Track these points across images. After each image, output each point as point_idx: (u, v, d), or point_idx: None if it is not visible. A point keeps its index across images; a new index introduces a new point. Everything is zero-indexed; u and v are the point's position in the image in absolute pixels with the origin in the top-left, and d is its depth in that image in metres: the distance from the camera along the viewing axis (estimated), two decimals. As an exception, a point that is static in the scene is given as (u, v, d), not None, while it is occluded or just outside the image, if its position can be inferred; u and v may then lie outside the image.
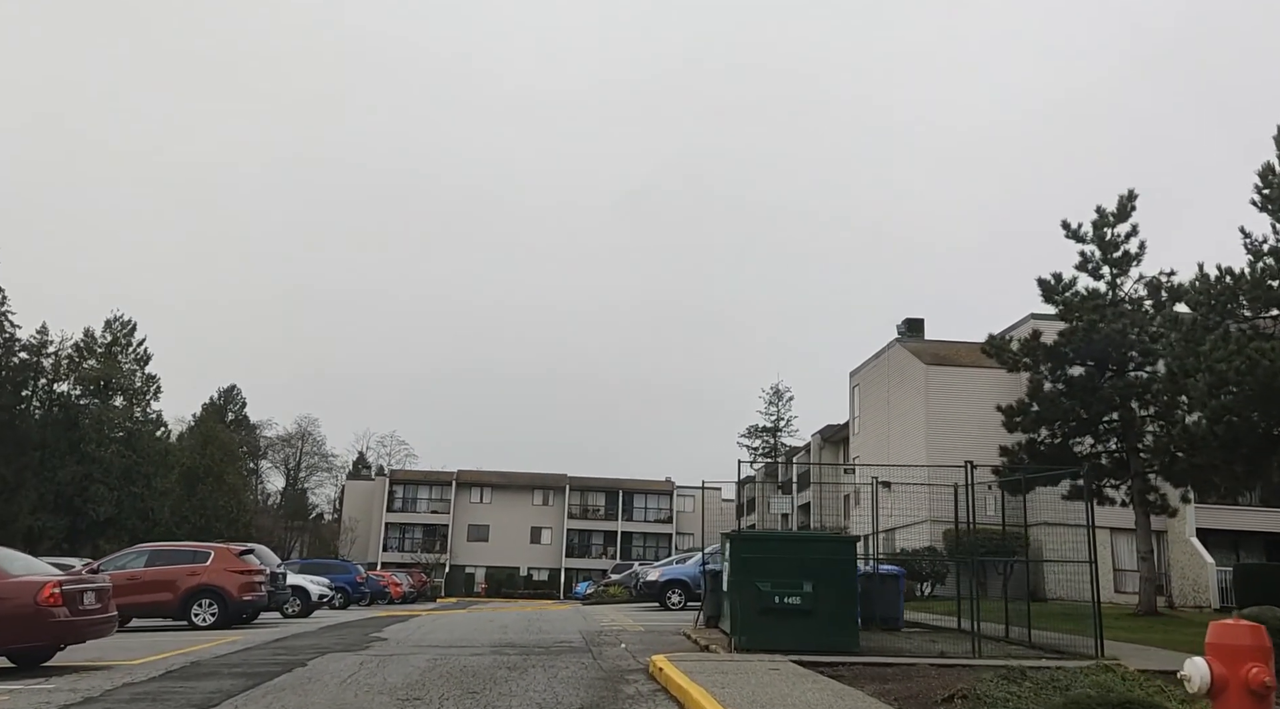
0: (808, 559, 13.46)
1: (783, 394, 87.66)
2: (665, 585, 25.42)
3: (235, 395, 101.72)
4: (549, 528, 77.03)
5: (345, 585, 35.40)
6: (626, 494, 78.38)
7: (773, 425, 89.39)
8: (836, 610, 13.24)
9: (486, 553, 75.62)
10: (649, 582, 25.82)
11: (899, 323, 35.62)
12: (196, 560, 19.84)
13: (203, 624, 19.41)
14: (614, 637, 16.99)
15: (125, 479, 63.04)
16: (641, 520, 78.64)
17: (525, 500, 77.62)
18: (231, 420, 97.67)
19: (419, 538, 76.36)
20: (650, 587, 25.74)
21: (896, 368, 34.17)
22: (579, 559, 76.74)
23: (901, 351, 34.05)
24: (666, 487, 79.12)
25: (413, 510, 77.37)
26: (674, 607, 25.20)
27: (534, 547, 76.61)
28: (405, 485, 78.40)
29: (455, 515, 76.11)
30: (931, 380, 31.26)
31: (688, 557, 28.88)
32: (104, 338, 67.44)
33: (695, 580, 25.25)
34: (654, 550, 76.77)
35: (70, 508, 61.38)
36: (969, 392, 30.85)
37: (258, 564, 20.82)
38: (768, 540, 15.19)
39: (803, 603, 13.18)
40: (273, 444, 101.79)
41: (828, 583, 13.29)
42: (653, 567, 29.67)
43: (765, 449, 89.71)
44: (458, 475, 77.06)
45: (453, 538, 75.55)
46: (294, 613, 26.26)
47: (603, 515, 78.45)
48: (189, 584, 19.47)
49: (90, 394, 65.35)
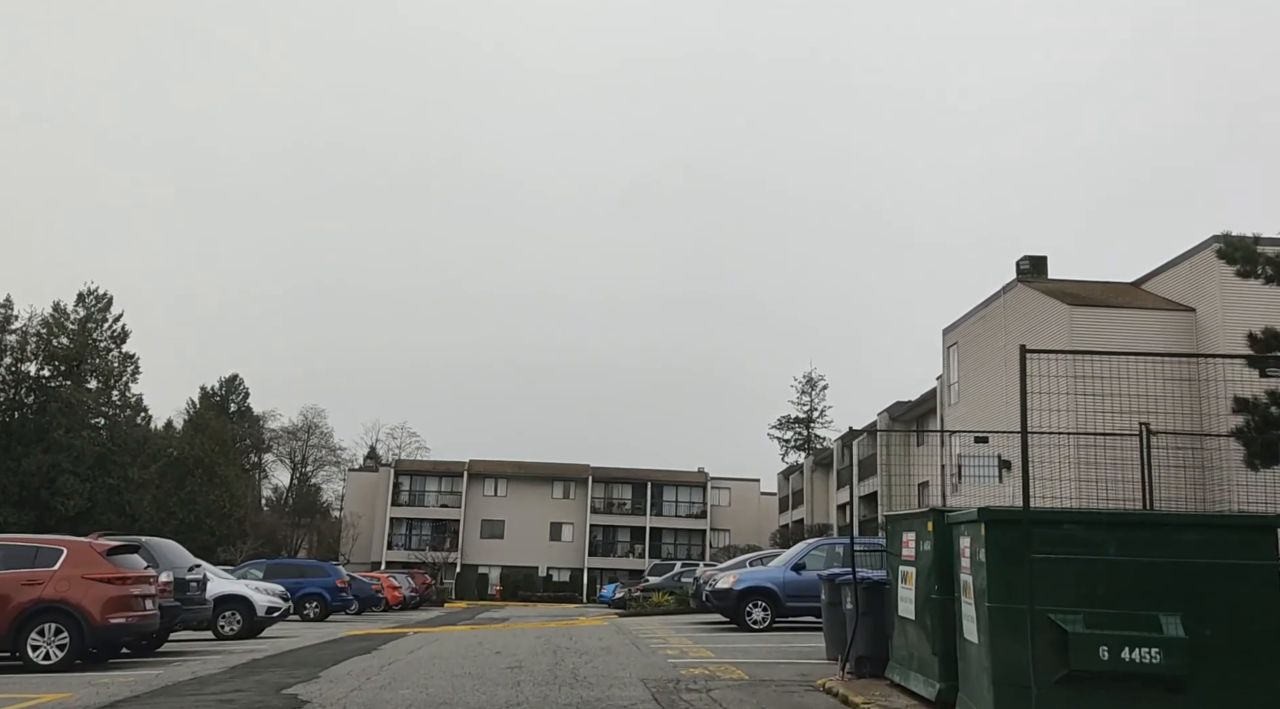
0: (1174, 567, 6.21)
1: (816, 383, 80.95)
2: (744, 596, 18.20)
3: (237, 385, 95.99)
4: (570, 523, 69.86)
5: (321, 592, 28.38)
6: (655, 486, 71.01)
7: (805, 416, 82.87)
8: (1243, 677, 6.02)
9: (501, 551, 68.52)
10: (720, 590, 18.57)
11: (1019, 260, 28.20)
12: (40, 562, 12.77)
13: (45, 662, 12.39)
14: (700, 687, 10.02)
15: (99, 469, 56.43)
16: (672, 515, 71.25)
17: (544, 493, 70.46)
18: (234, 411, 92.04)
19: (427, 535, 69.37)
20: (722, 597, 18.49)
21: (1020, 314, 26.87)
22: (603, 558, 69.58)
23: (1027, 294, 26.75)
24: (699, 478, 71.76)
25: (420, 504, 70.34)
26: (756, 626, 17.98)
27: (554, 544, 69.47)
28: (412, 477, 71.34)
29: (467, 510, 69.04)
30: (1078, 326, 23.92)
31: (765, 555, 21.67)
32: (76, 312, 60.83)
33: (788, 590, 18.02)
34: (685, 548, 69.54)
35: (36, 501, 54.83)
36: (1126, 340, 23.47)
37: (141, 568, 13.73)
38: (1084, 525, 7.16)
39: (1167, 661, 5.97)
40: (277, 437, 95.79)
41: (1218, 619, 6.09)
42: (719, 568, 22.39)
43: (798, 441, 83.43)
44: (469, 466, 69.90)
45: (464, 535, 68.51)
46: (233, 632, 19.26)
47: (629, 510, 71.15)
48: (23, 599, 12.45)
49: (61, 375, 58.74)
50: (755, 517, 70.69)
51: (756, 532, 68.81)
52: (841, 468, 51.52)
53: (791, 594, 18.12)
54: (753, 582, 18.30)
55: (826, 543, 19.67)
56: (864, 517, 46.83)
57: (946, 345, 32.43)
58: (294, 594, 27.85)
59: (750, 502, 71.80)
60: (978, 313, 30.28)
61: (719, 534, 70.44)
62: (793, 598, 18.13)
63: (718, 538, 69.97)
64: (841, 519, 51.15)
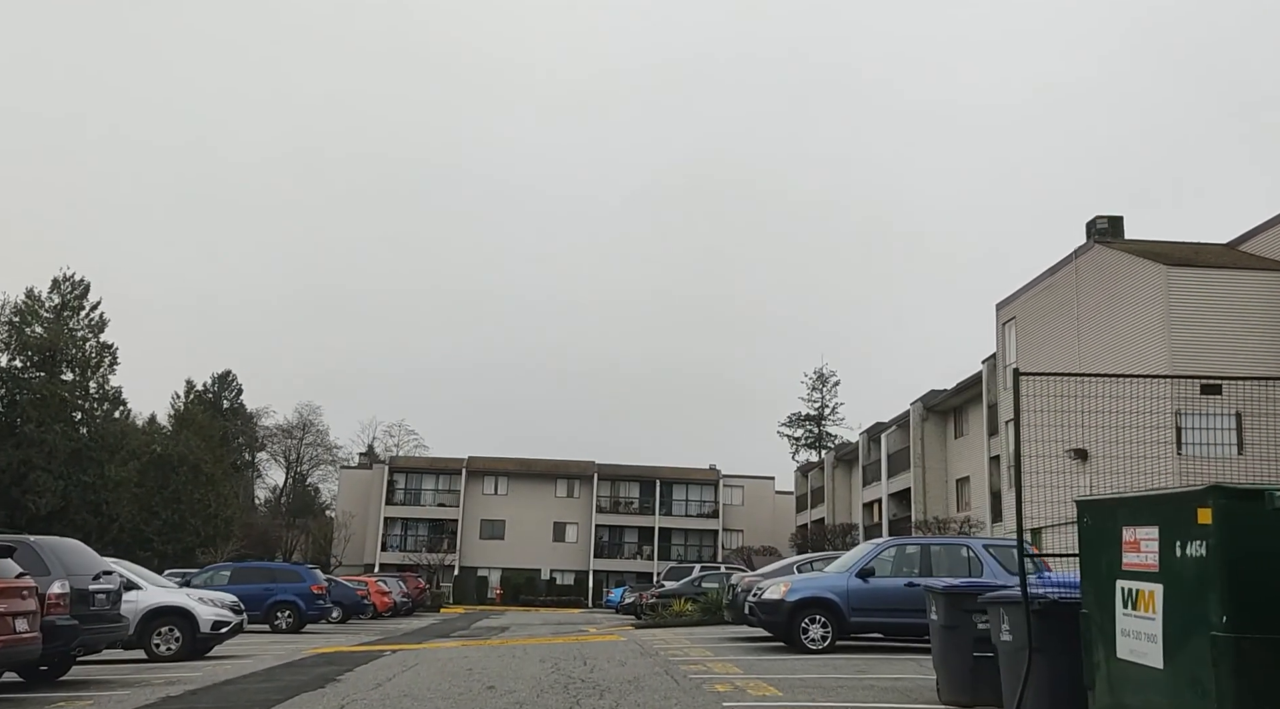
0: None
1: (827, 379, 77.59)
2: (799, 609, 14.63)
3: (230, 382, 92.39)
4: (574, 524, 66.27)
5: (295, 600, 24.87)
6: (664, 484, 67.38)
7: (817, 413, 79.49)
8: None
9: (501, 553, 64.95)
10: (768, 601, 14.99)
11: (1094, 219, 24.59)
12: None
13: None
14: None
15: (73, 466, 52.98)
16: (681, 514, 67.62)
17: (547, 492, 66.87)
18: (227, 408, 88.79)
19: (423, 536, 65.79)
20: (771, 610, 14.92)
21: (1098, 280, 23.34)
22: (609, 560, 66.02)
23: (1107, 256, 23.20)
24: (711, 476, 68.15)
25: (416, 503, 66.79)
26: (814, 646, 14.43)
27: (557, 545, 65.89)
28: (408, 474, 67.78)
29: (465, 509, 65.46)
30: (1178, 289, 20.36)
31: (815, 558, 18.14)
32: (51, 300, 57.39)
33: (853, 602, 14.50)
34: (696, 550, 66.03)
35: (7, 499, 51.41)
36: (1232, 305, 19.96)
37: (11, 576, 10.22)
38: None
39: None
40: (272, 435, 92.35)
41: None
42: (761, 574, 18.74)
43: (809, 439, 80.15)
44: (468, 463, 66.30)
45: (462, 535, 64.95)
46: (170, 652, 15.74)
47: (637, 509, 67.54)
48: None
49: (34, 366, 55.29)
50: (770, 517, 67.10)
51: (771, 533, 65.26)
52: (868, 463, 47.95)
53: (858, 607, 14.61)
54: (810, 591, 14.73)
55: (897, 543, 16.15)
56: (894, 515, 43.30)
57: (1001, 322, 28.88)
58: (263, 602, 24.50)
59: (764, 501, 68.23)
60: (1041, 283, 26.75)
61: (731, 535, 66.88)
62: (859, 612, 14.62)
63: (730, 539, 66.42)
64: (868, 518, 47.62)
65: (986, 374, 33.14)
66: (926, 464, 40.02)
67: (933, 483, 39.92)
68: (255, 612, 24.47)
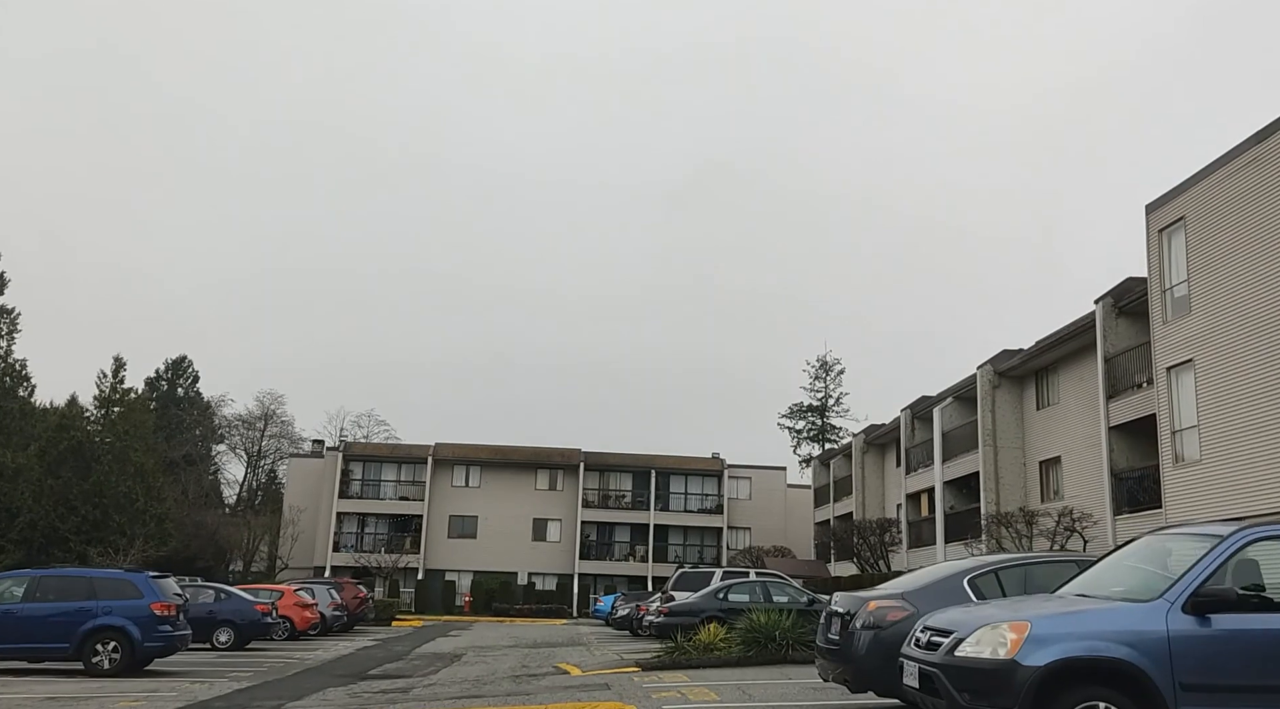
0: None
1: (831, 367, 70.09)
2: (1061, 679, 6.13)
3: (185, 368, 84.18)
4: (557, 520, 57.67)
5: (124, 625, 16.28)
6: (661, 475, 58.80)
7: (820, 403, 72.00)
8: None
9: (473, 554, 56.18)
10: (985, 666, 6.50)
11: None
12: None
13: None
14: None
15: (-49, 449, 44.32)
16: (680, 509, 58.98)
17: (526, 483, 58.23)
18: (181, 397, 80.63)
19: (383, 534, 57.04)
20: (992, 687, 6.40)
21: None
22: (597, 561, 57.47)
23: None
24: (714, 465, 59.63)
25: (375, 497, 58.00)
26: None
27: (537, 545, 57.27)
28: (365, 463, 58.90)
29: (431, 503, 56.73)
30: None
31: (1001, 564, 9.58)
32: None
33: (1182, 663, 5.92)
34: (697, 550, 57.62)
35: None
36: None
37: None
38: None
39: None
40: (230, 425, 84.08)
41: None
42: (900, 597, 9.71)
43: (811, 431, 72.68)
44: (434, 450, 57.48)
45: (428, 533, 56.22)
46: None
47: (629, 503, 58.92)
48: None
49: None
50: (780, 512, 58.74)
51: (783, 531, 56.92)
52: (911, 446, 39.59)
53: (1193, 682, 6.20)
54: (1086, 645, 6.30)
55: (1269, 535, 7.56)
56: (951, 507, 35.02)
57: (1158, 229, 20.60)
58: (74, 630, 16.05)
59: (774, 494, 59.77)
60: (1217, 168, 18.54)
61: (737, 533, 58.47)
62: (1200, 691, 6.21)
63: (736, 537, 58.03)
64: (913, 512, 39.29)
65: (1102, 316, 24.90)
66: (999, 443, 31.78)
67: (1006, 466, 31.68)
68: (61, 645, 16.13)
